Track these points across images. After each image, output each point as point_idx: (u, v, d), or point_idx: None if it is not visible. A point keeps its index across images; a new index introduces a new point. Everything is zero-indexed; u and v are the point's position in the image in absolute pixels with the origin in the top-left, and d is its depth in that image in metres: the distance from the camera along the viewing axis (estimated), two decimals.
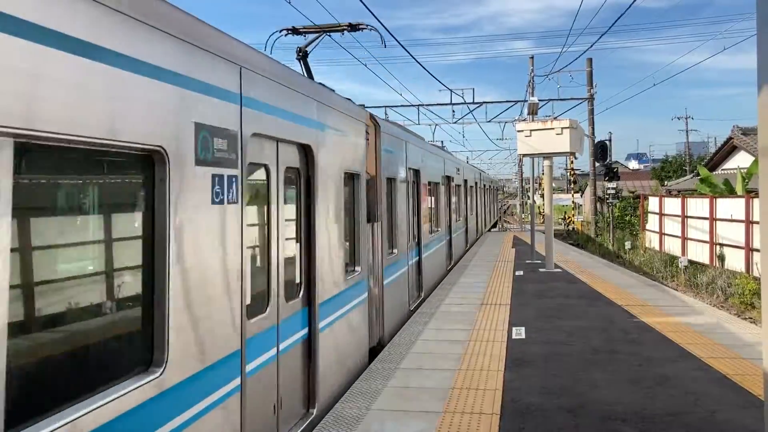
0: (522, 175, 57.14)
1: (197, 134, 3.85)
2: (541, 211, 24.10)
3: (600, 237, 28.92)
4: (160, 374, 3.44)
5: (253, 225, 4.83)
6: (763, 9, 3.23)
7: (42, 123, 2.65)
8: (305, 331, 5.89)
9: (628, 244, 24.10)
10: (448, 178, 17.50)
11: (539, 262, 18.46)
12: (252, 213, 4.82)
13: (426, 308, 11.41)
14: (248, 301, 4.58)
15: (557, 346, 8.53)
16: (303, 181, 5.92)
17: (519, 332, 9.36)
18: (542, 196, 23.14)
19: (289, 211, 5.57)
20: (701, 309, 11.21)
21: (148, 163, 3.51)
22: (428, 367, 7.61)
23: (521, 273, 16.38)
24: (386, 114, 33.05)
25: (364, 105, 9.60)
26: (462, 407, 6.17)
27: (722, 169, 31.53)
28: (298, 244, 5.78)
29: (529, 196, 24.18)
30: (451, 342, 8.82)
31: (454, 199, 18.72)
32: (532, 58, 35.00)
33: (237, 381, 4.36)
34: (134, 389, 3.22)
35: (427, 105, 34.07)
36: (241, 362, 4.43)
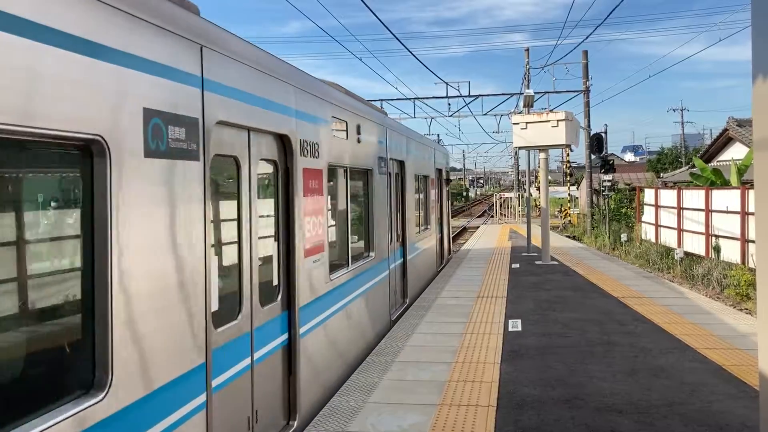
0: (518, 167, 57.19)
1: None
2: (538, 203, 24.08)
3: (596, 229, 28.93)
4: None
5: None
6: (757, 0, 3.22)
7: None
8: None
9: (624, 236, 24.11)
10: (401, 165, 11.15)
11: (535, 254, 18.49)
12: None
13: (422, 302, 11.41)
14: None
15: (553, 338, 8.55)
16: None
17: (515, 324, 9.38)
18: (538, 188, 23.16)
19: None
20: (697, 300, 11.25)
21: None
22: (424, 359, 7.62)
23: (517, 266, 16.39)
24: (382, 107, 32.93)
25: None
26: (458, 399, 6.18)
27: (718, 161, 31.56)
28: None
29: (525, 189, 24.24)
30: (448, 335, 8.83)
31: (412, 207, 11.90)
32: (528, 50, 34.95)
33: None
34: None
35: (422, 98, 33.96)
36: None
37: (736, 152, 28.86)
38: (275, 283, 5.33)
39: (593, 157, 30.64)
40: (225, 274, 4.48)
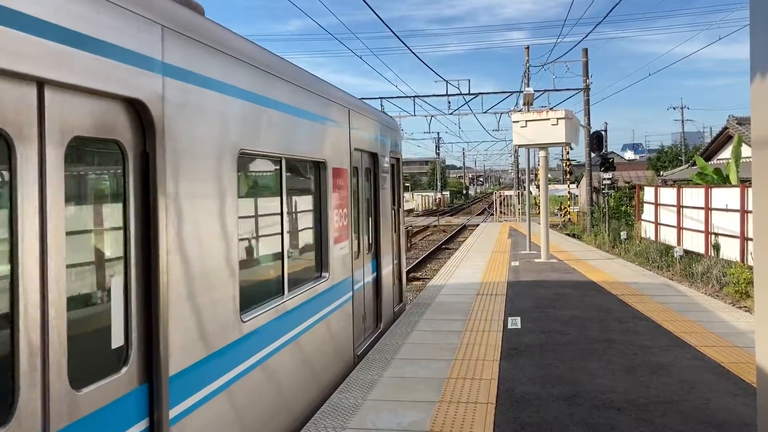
0: (518, 166, 57.22)
1: None
2: (538, 201, 24.05)
3: (595, 227, 28.95)
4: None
5: None
6: None
7: None
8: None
9: (623, 234, 24.13)
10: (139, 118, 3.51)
11: (535, 252, 18.50)
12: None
13: (422, 300, 11.42)
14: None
15: (553, 335, 8.57)
16: None
17: (515, 322, 9.39)
18: (538, 186, 23.16)
19: None
20: (696, 298, 11.27)
21: None
22: (424, 357, 7.63)
23: (517, 263, 16.41)
24: (381, 105, 32.94)
25: None
26: (458, 397, 6.20)
27: (718, 159, 31.56)
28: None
29: (525, 187, 24.17)
30: (447, 332, 8.84)
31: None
32: (528, 48, 34.92)
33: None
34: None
35: (422, 96, 33.98)
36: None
37: None
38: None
39: (593, 155, 30.65)
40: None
